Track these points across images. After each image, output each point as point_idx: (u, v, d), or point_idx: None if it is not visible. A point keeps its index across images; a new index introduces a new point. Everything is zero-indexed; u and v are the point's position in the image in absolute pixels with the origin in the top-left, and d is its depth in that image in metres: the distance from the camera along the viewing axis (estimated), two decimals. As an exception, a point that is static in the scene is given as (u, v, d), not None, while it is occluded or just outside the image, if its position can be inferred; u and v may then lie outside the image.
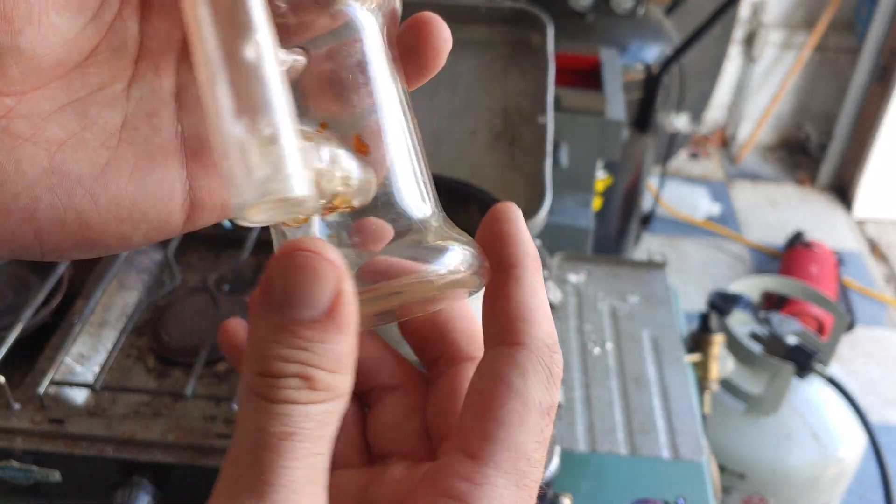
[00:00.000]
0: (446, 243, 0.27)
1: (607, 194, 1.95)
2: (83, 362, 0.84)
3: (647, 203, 2.59)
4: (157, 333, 0.88)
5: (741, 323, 1.54)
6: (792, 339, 1.48)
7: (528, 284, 0.28)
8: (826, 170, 3.30)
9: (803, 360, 1.43)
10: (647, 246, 2.88)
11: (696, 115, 2.72)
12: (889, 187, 3.11)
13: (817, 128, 3.44)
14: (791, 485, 1.49)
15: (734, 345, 1.44)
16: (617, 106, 1.43)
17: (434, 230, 0.28)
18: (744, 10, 3.18)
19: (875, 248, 3.03)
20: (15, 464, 0.74)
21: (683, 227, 3.02)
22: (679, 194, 3.06)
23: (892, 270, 2.92)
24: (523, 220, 0.29)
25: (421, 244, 0.27)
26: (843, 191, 3.26)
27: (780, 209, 3.20)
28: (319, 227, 0.27)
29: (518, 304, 0.27)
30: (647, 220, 2.63)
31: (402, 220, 0.27)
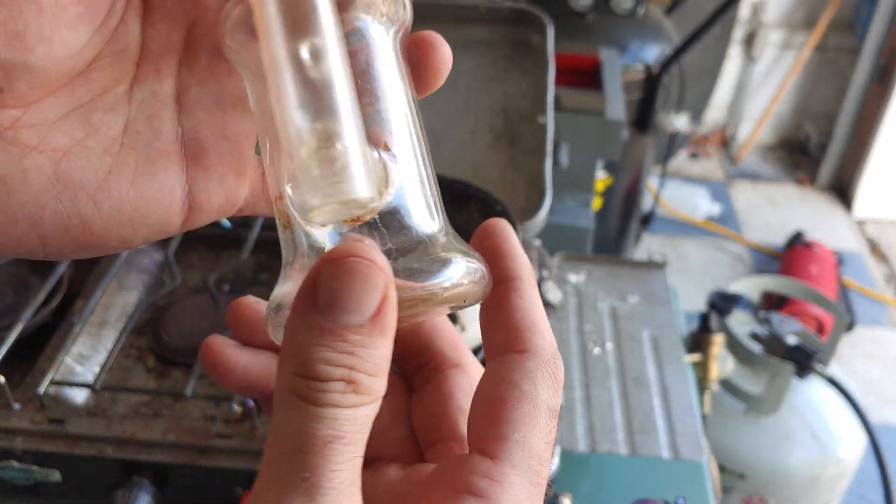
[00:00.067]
0: (450, 255, 0.27)
1: (607, 194, 1.95)
2: (83, 362, 0.84)
3: (647, 203, 2.59)
4: (157, 333, 0.88)
5: (741, 323, 1.54)
6: (792, 339, 1.48)
7: (529, 295, 0.30)
8: (826, 170, 3.30)
9: (803, 360, 1.43)
10: (647, 246, 2.88)
11: (696, 115, 2.72)
12: (889, 187, 3.11)
13: (817, 128, 3.44)
14: (791, 485, 1.49)
15: (734, 345, 1.43)
16: (617, 106, 1.43)
17: (441, 245, 0.28)
18: (744, 10, 3.18)
19: (875, 248, 3.03)
20: (15, 464, 0.73)
21: (683, 227, 3.02)
22: (679, 194, 3.06)
23: (892, 270, 2.92)
24: (515, 234, 0.31)
25: (425, 257, 0.27)
26: (843, 191, 3.26)
27: (780, 209, 3.20)
28: (330, 232, 0.27)
29: (523, 315, 0.29)
30: (647, 220, 2.63)
31: (411, 235, 0.27)
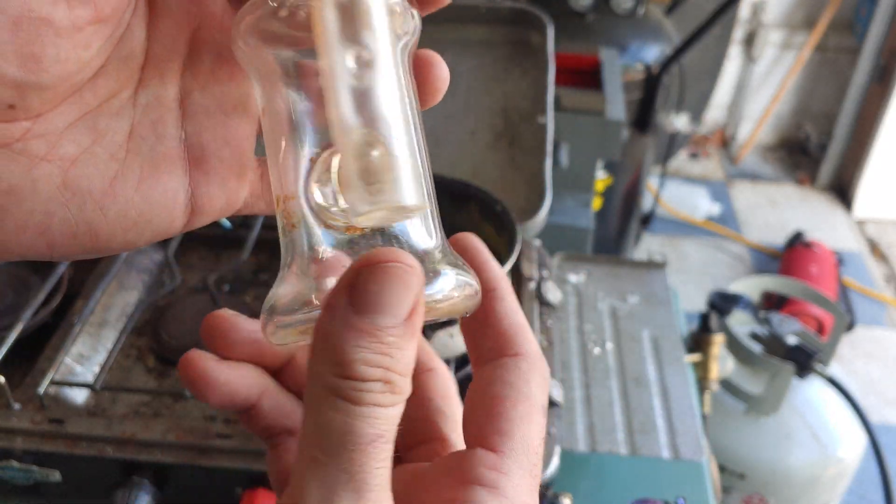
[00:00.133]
0: (440, 268, 0.28)
1: (607, 194, 1.95)
2: (83, 362, 0.84)
3: (647, 203, 2.59)
4: (157, 333, 0.88)
5: (741, 323, 1.53)
6: (792, 339, 1.48)
7: (511, 303, 0.32)
8: (826, 170, 3.30)
9: (803, 360, 1.43)
10: (647, 246, 2.88)
11: (696, 115, 2.72)
12: (889, 187, 3.11)
13: (817, 128, 3.44)
14: (791, 485, 1.49)
15: (734, 345, 1.43)
16: (617, 106, 1.43)
17: (437, 260, 0.29)
18: (744, 10, 3.18)
19: (875, 248, 3.03)
20: (15, 464, 0.73)
21: (683, 227, 3.02)
22: (679, 194, 3.06)
23: (892, 270, 2.92)
24: (485, 245, 0.33)
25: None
26: (843, 191, 3.26)
27: (780, 209, 3.20)
28: (322, 232, 0.28)
29: (510, 321, 0.31)
30: (647, 220, 2.63)
31: (406, 251, 0.28)
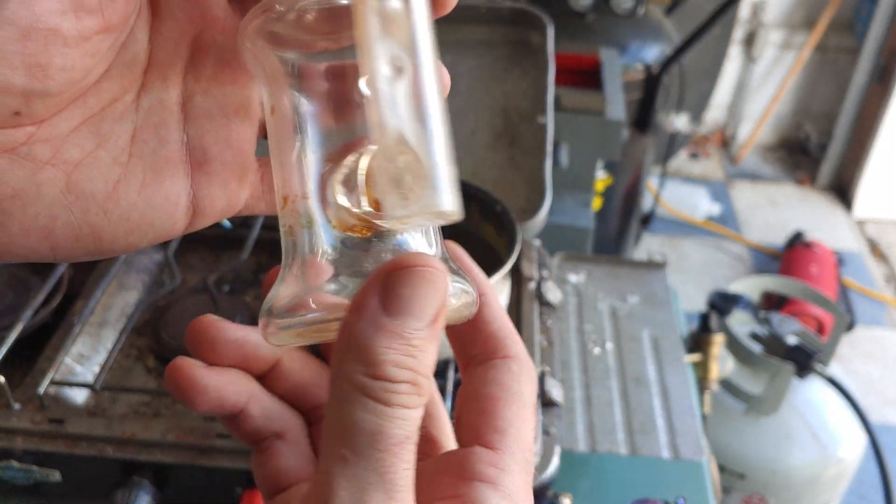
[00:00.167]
0: None
1: (607, 194, 1.95)
2: (83, 362, 0.84)
3: (647, 203, 2.59)
4: (157, 333, 0.88)
5: (741, 323, 1.53)
6: (792, 339, 1.48)
7: (497, 307, 0.33)
8: (826, 170, 3.30)
9: (803, 360, 1.43)
10: (647, 246, 2.88)
11: (696, 115, 2.72)
12: (889, 187, 3.11)
13: (817, 128, 3.44)
14: (791, 485, 1.49)
15: (734, 345, 1.43)
16: (617, 106, 1.43)
17: None
18: (744, 10, 3.18)
19: (875, 248, 3.03)
20: (15, 464, 0.73)
21: (683, 227, 3.02)
22: (679, 194, 3.06)
23: (892, 270, 2.92)
24: (466, 253, 0.34)
25: None
26: (843, 191, 3.26)
27: (780, 209, 3.20)
28: (325, 235, 0.28)
29: (499, 325, 0.32)
30: (647, 220, 2.63)
31: None
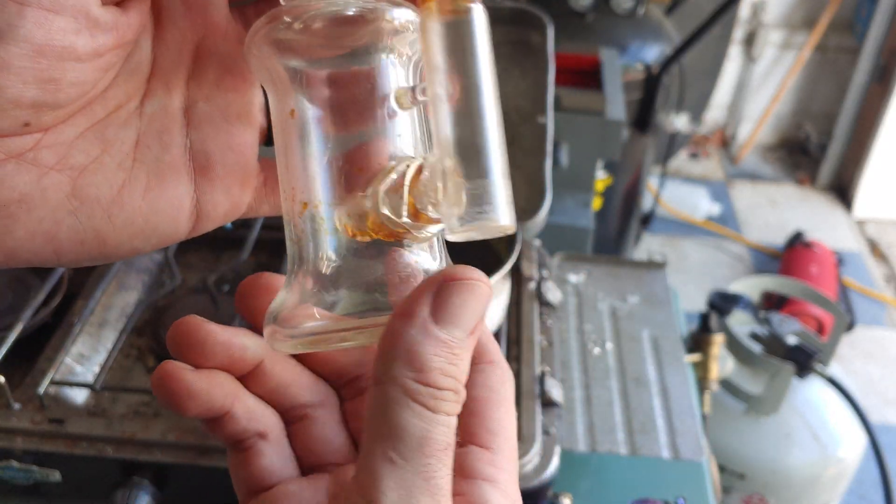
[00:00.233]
0: None
1: (607, 194, 1.95)
2: (83, 362, 0.84)
3: (647, 203, 2.59)
4: (157, 333, 0.88)
5: (741, 323, 1.53)
6: (792, 339, 1.48)
7: None
8: (826, 170, 3.30)
9: (803, 360, 1.43)
10: (647, 246, 2.88)
11: (696, 115, 2.72)
12: (889, 187, 3.10)
13: (817, 128, 3.44)
14: (791, 485, 1.49)
15: (734, 345, 1.43)
16: (617, 106, 1.43)
17: None
18: (744, 10, 3.18)
19: (875, 248, 3.03)
20: (15, 464, 0.73)
21: (683, 227, 3.02)
22: (679, 194, 3.06)
23: (892, 270, 2.92)
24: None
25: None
26: (843, 191, 3.26)
27: (780, 209, 3.20)
28: (332, 242, 0.29)
29: (483, 330, 0.32)
30: (647, 220, 2.63)
31: (410, 270, 0.29)
